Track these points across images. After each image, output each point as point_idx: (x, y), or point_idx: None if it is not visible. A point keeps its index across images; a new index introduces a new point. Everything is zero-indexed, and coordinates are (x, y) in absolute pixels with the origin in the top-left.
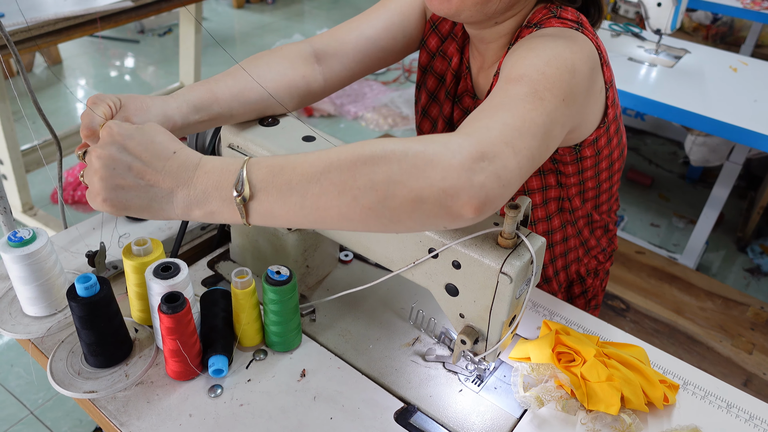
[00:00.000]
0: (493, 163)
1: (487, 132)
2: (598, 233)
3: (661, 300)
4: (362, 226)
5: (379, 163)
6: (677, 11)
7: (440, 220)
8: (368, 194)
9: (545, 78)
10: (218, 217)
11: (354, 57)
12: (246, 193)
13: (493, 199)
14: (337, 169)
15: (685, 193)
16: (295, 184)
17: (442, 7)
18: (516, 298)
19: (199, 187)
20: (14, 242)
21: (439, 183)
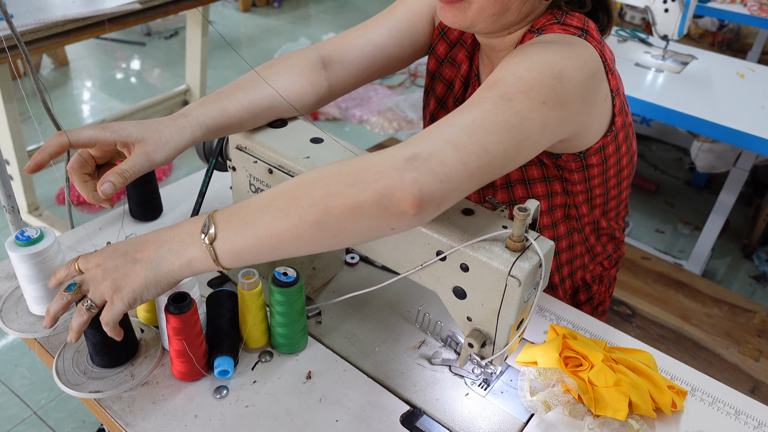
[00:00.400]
0: (427, 161)
1: (425, 135)
2: (604, 240)
3: (668, 306)
4: (316, 243)
5: (317, 181)
6: (684, 17)
7: (384, 221)
8: (311, 210)
9: (521, 82)
10: (196, 264)
11: (360, 64)
12: (211, 234)
13: (431, 193)
14: (282, 195)
15: (690, 200)
16: (249, 218)
17: (457, 20)
18: (524, 302)
19: (176, 240)
20: (22, 241)
21: (372, 185)
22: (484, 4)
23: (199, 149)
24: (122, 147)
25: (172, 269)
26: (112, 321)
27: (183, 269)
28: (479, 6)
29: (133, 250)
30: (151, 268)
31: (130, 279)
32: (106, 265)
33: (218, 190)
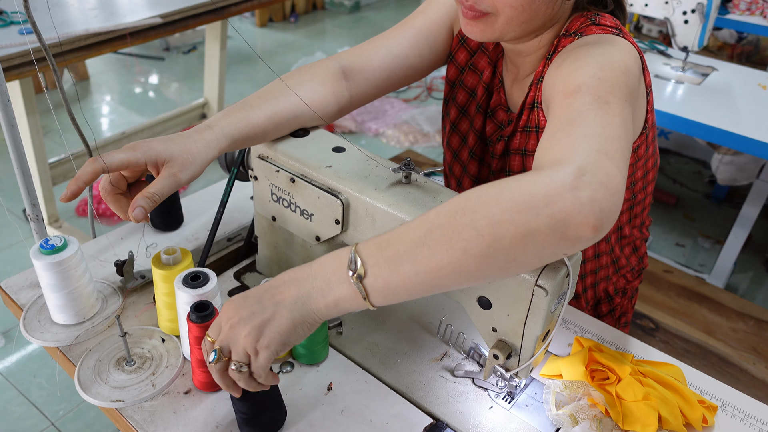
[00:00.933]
0: (596, 174)
1: (574, 149)
2: (628, 251)
3: (691, 320)
4: (480, 276)
5: (478, 209)
6: (704, 28)
7: (559, 248)
8: (476, 242)
9: (603, 83)
10: (344, 304)
11: (380, 74)
12: (360, 271)
13: (608, 211)
14: (439, 227)
15: (710, 213)
16: (403, 252)
17: (485, 34)
18: (551, 312)
19: (319, 278)
20: (46, 249)
21: (545, 210)
22: (512, 14)
23: (221, 159)
24: (152, 167)
25: (318, 309)
26: (263, 372)
27: (330, 309)
28: (507, 17)
29: (270, 293)
30: (296, 308)
31: (274, 323)
32: (240, 315)
33: (239, 200)
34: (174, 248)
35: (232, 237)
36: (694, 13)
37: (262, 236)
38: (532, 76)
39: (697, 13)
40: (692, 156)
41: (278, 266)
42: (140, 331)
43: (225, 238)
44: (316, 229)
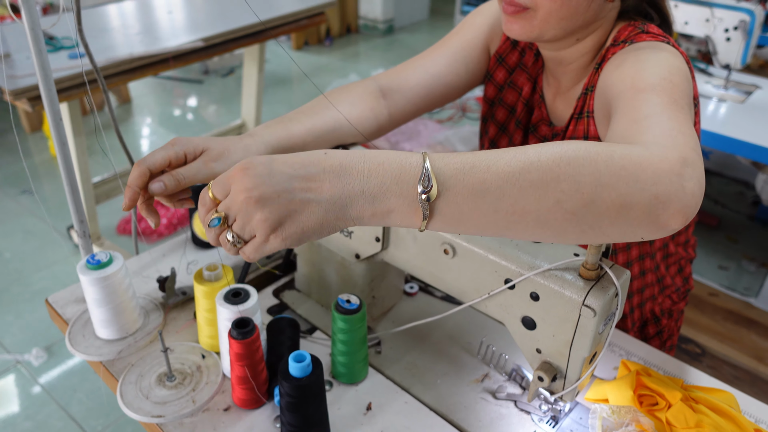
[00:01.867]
0: (695, 170)
1: (674, 139)
2: (673, 270)
3: (739, 345)
4: (557, 233)
5: (585, 164)
6: (747, 45)
7: (643, 229)
8: (573, 198)
9: (674, 86)
10: (395, 217)
11: (418, 92)
12: (433, 191)
13: (696, 207)
14: (538, 169)
15: (754, 235)
16: (490, 183)
17: (524, 31)
18: (599, 334)
19: (373, 181)
20: (92, 265)
21: (651, 188)
22: (551, 8)
23: None
24: (191, 159)
25: (359, 215)
26: (258, 257)
27: (374, 219)
28: (546, 12)
29: (305, 180)
30: (332, 208)
31: (300, 218)
32: (262, 192)
33: None
34: (216, 265)
35: (271, 255)
36: (736, 30)
37: (301, 254)
38: (578, 88)
39: (740, 31)
40: (734, 177)
41: (317, 284)
42: (181, 347)
43: (264, 256)
44: (355, 247)
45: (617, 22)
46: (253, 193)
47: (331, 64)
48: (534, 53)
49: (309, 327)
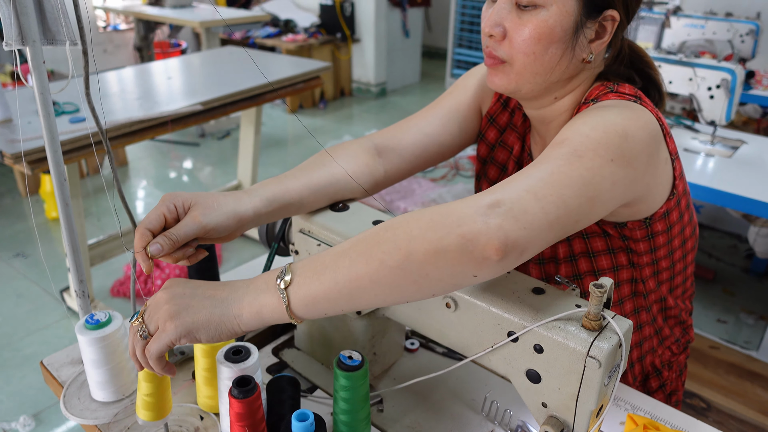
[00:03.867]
0: (511, 208)
1: (504, 185)
2: (672, 322)
3: (745, 399)
4: (395, 290)
5: (399, 226)
6: (731, 102)
7: (467, 267)
8: (392, 255)
9: (588, 140)
10: (267, 312)
11: (413, 151)
12: (287, 278)
13: (516, 240)
14: (363, 240)
15: (751, 288)
16: (328, 262)
17: (502, 83)
18: (604, 386)
19: (251, 287)
20: (91, 325)
21: (456, 230)
22: (525, 62)
23: (261, 234)
24: (181, 214)
25: (240, 314)
26: (156, 352)
27: (252, 317)
28: (521, 65)
29: (207, 287)
30: (219, 306)
31: (192, 310)
32: (173, 291)
33: None
34: None
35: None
36: (719, 88)
37: None
38: None
39: (722, 89)
40: (726, 230)
41: (317, 342)
42: (179, 408)
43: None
44: None
45: (595, 82)
46: (167, 291)
47: (326, 126)
48: (522, 114)
49: (309, 386)
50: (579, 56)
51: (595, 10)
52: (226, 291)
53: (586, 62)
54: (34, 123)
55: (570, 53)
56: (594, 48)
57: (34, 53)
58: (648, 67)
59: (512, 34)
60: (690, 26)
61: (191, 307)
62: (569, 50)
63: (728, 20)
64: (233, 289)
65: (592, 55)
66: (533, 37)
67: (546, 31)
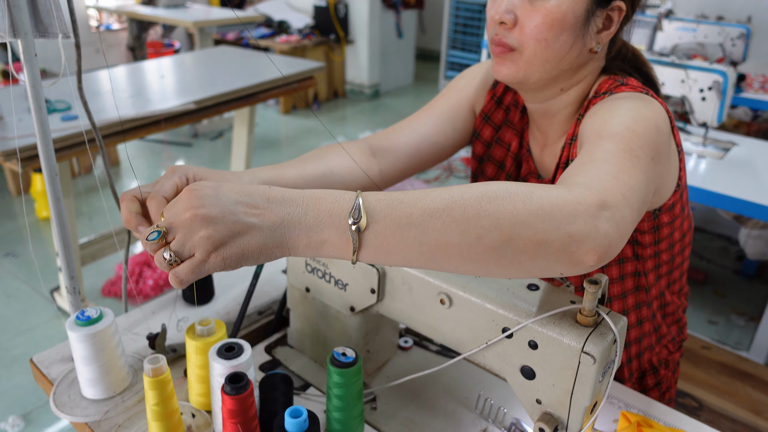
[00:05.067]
0: (615, 213)
1: (603, 183)
2: (669, 320)
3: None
4: (479, 266)
5: (505, 202)
6: (722, 105)
7: (561, 265)
8: (493, 233)
9: (636, 136)
10: (328, 248)
11: (407, 151)
12: (363, 222)
13: (613, 249)
14: (461, 206)
15: (741, 290)
16: (415, 218)
17: (511, 72)
18: (599, 382)
19: (310, 214)
20: (82, 321)
21: (566, 227)
22: (536, 48)
23: None
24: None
25: (296, 245)
26: (192, 280)
27: (309, 249)
28: (531, 52)
29: (248, 204)
30: (273, 235)
31: (242, 241)
32: (208, 212)
33: (271, 274)
34: (209, 320)
35: (263, 311)
36: (711, 90)
37: (295, 308)
38: (563, 139)
39: (714, 91)
40: (717, 232)
41: (310, 339)
42: None
43: (256, 312)
44: (351, 300)
45: (600, 76)
46: (199, 211)
47: (319, 127)
48: (519, 110)
49: (302, 383)
50: (588, 45)
51: (605, 0)
52: (275, 213)
53: (594, 52)
54: (25, 120)
55: (580, 42)
56: (602, 38)
57: (26, 46)
58: (645, 67)
59: (524, 20)
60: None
61: (238, 236)
62: (579, 38)
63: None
64: (285, 210)
65: (600, 45)
66: (546, 23)
67: (559, 17)
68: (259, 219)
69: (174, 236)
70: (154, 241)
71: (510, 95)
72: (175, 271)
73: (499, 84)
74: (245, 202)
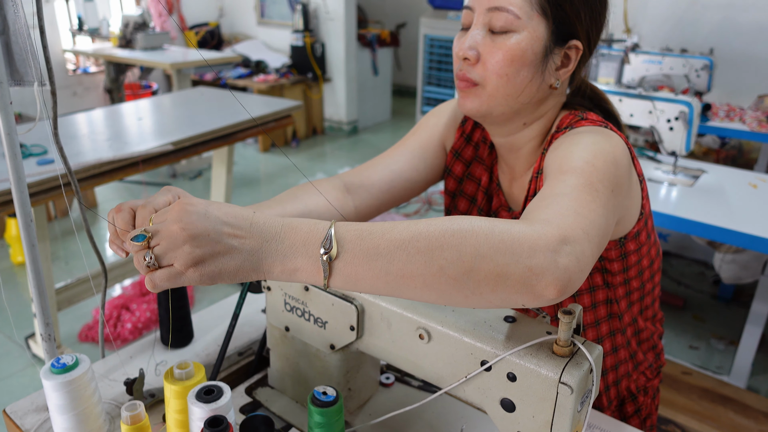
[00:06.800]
0: (575, 248)
1: (564, 218)
2: (645, 347)
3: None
4: (442, 296)
5: (467, 236)
6: (689, 134)
7: (521, 297)
8: (455, 265)
9: (595, 170)
10: (300, 275)
11: (381, 187)
12: (333, 251)
13: (574, 283)
14: (426, 238)
15: (719, 314)
16: (382, 248)
17: (474, 106)
18: (578, 412)
19: (286, 242)
20: (57, 368)
21: (526, 261)
22: (498, 83)
23: None
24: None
25: (271, 270)
26: (166, 287)
27: (283, 275)
28: (493, 87)
29: (232, 227)
30: (251, 259)
31: (221, 260)
32: (196, 229)
33: (249, 314)
34: (187, 362)
35: (243, 351)
36: (678, 120)
37: (275, 348)
38: (530, 172)
39: (681, 121)
40: (693, 257)
41: (291, 379)
42: None
43: (236, 353)
44: (330, 337)
45: (561, 112)
46: (186, 226)
47: (298, 164)
48: (488, 146)
49: (284, 425)
50: (547, 81)
51: (562, 38)
52: (255, 240)
53: (553, 88)
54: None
55: (539, 77)
56: (560, 75)
57: (1, 94)
58: (605, 103)
59: (486, 57)
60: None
61: (218, 255)
62: (539, 74)
63: (684, 56)
64: (263, 238)
65: (559, 82)
66: (506, 60)
67: (518, 53)
68: (240, 242)
69: (158, 243)
70: (138, 243)
71: (478, 132)
72: (152, 276)
73: (468, 121)
74: (231, 223)
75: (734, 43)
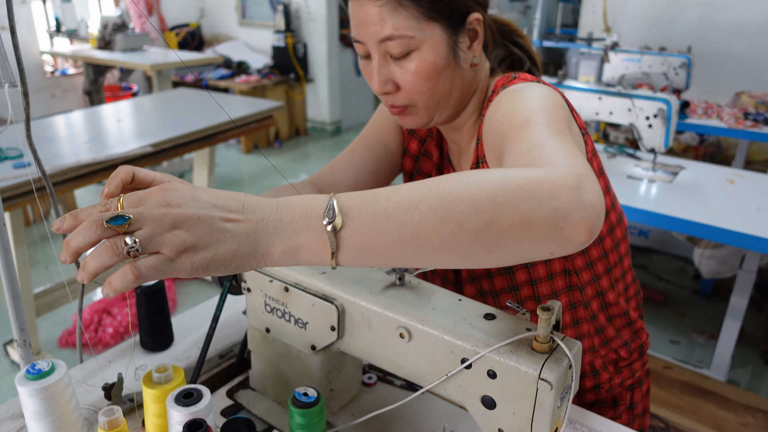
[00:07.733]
0: (593, 184)
1: (563, 159)
2: (618, 323)
3: (699, 417)
4: (464, 255)
5: (481, 185)
6: (668, 131)
7: (550, 243)
8: (473, 217)
9: (548, 115)
10: (305, 253)
11: (347, 184)
12: (338, 221)
13: (600, 221)
14: (437, 194)
15: (700, 308)
16: (391, 211)
17: (415, 122)
18: (557, 408)
19: (284, 219)
20: (32, 374)
21: (549, 202)
22: (425, 100)
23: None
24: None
25: (271, 252)
26: (153, 278)
27: (284, 257)
28: (424, 103)
29: (224, 208)
30: (247, 242)
31: (213, 248)
32: (183, 212)
33: (230, 316)
34: (166, 366)
35: (224, 354)
36: (656, 117)
37: (256, 350)
38: (473, 143)
39: (659, 118)
40: (674, 253)
41: (272, 381)
42: None
43: (216, 356)
44: (311, 338)
45: (491, 78)
46: (173, 210)
47: (281, 165)
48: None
49: (266, 427)
50: (466, 65)
51: (460, 23)
52: (251, 218)
53: (474, 66)
54: None
55: (459, 69)
56: (475, 50)
57: None
58: (517, 36)
59: (402, 83)
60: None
61: (211, 241)
62: (457, 68)
63: (662, 54)
64: (260, 216)
65: (477, 57)
66: (421, 79)
67: (429, 67)
68: (234, 225)
69: (141, 227)
70: (118, 226)
71: None
72: (137, 264)
73: None
74: (222, 206)
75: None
